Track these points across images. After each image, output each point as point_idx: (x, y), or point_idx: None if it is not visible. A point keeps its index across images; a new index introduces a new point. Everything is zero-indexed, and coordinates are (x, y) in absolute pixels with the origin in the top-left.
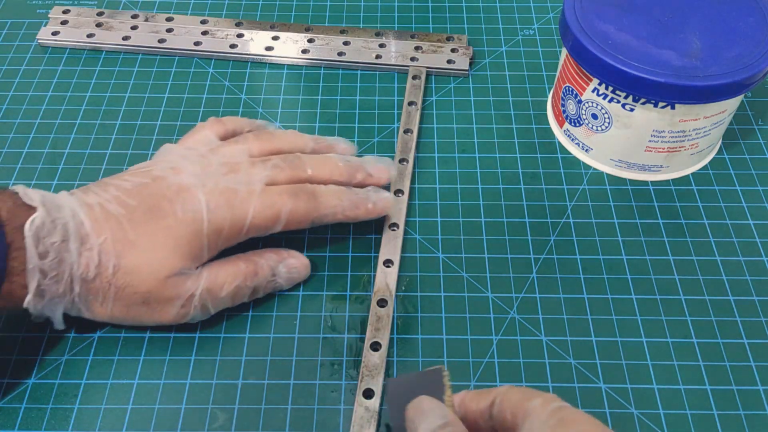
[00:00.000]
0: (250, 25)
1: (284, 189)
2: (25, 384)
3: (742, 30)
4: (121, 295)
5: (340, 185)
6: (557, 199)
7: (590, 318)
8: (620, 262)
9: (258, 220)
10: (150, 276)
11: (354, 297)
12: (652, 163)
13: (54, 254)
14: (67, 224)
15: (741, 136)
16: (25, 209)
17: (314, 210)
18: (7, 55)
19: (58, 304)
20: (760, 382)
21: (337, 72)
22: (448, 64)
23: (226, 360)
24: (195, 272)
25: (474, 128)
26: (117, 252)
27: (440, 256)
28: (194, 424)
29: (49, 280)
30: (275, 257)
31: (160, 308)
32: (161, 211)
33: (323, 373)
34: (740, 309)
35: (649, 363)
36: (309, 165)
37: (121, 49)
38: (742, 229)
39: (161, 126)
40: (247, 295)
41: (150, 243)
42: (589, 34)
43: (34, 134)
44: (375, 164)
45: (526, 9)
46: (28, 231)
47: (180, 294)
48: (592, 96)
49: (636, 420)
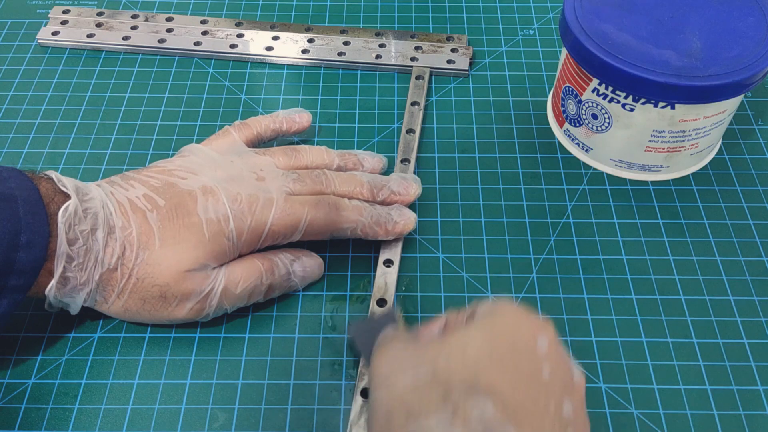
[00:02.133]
0: (250, 25)
1: (306, 199)
2: (25, 384)
3: (742, 30)
4: (139, 287)
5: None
6: (557, 199)
7: (590, 318)
8: (620, 262)
9: (277, 227)
10: (169, 268)
11: (354, 297)
12: (652, 163)
13: (82, 242)
14: (98, 213)
15: (741, 136)
16: (61, 196)
17: (334, 222)
18: (7, 55)
19: (80, 292)
20: (760, 382)
21: (337, 72)
22: (448, 64)
23: (226, 360)
24: (213, 270)
25: (474, 128)
26: (140, 244)
27: (440, 256)
28: (194, 424)
29: (75, 268)
30: (290, 256)
31: (176, 303)
32: (186, 209)
33: (323, 373)
34: (740, 309)
35: (649, 363)
36: (333, 181)
37: (121, 49)
38: (742, 229)
39: (161, 126)
40: (263, 293)
41: (173, 237)
42: (589, 34)
43: (34, 134)
44: (400, 182)
45: (526, 9)
46: (62, 217)
47: (197, 289)
48: (592, 96)
49: (636, 420)
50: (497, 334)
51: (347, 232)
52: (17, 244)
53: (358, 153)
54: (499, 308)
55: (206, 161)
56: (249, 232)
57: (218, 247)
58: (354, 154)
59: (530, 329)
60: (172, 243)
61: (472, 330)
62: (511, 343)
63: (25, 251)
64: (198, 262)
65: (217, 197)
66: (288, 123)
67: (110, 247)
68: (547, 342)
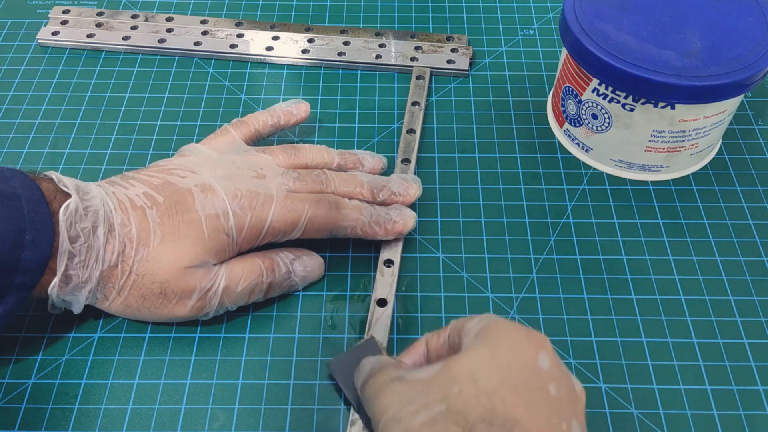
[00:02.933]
0: (250, 25)
1: (306, 196)
2: (25, 384)
3: (742, 30)
4: (140, 284)
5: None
6: (557, 199)
7: (590, 318)
8: (620, 262)
9: (278, 224)
10: (169, 265)
11: (354, 297)
12: (652, 163)
13: (83, 239)
14: (98, 211)
15: (741, 136)
16: (62, 195)
17: (334, 220)
18: (7, 55)
19: (82, 289)
20: (760, 382)
21: (337, 72)
22: (448, 64)
23: (226, 360)
24: (214, 267)
25: (474, 128)
26: (140, 240)
27: (440, 256)
28: (194, 424)
29: (76, 265)
30: (291, 255)
31: (176, 300)
32: (185, 206)
33: (323, 373)
34: (740, 309)
35: (649, 363)
36: (333, 181)
37: (121, 49)
38: (742, 229)
39: (161, 126)
40: (264, 291)
41: (172, 234)
42: (589, 34)
43: (34, 134)
44: (400, 183)
45: (526, 9)
46: (63, 215)
47: (197, 286)
48: (592, 96)
49: (636, 420)
50: (502, 357)
51: (347, 231)
52: (22, 242)
53: (358, 153)
54: (492, 327)
55: (206, 160)
56: (249, 229)
57: (218, 243)
58: (354, 153)
59: (531, 347)
60: (171, 240)
61: (475, 356)
62: (518, 365)
63: (31, 249)
64: (197, 259)
65: (217, 194)
66: (286, 116)
67: (111, 245)
68: (548, 358)
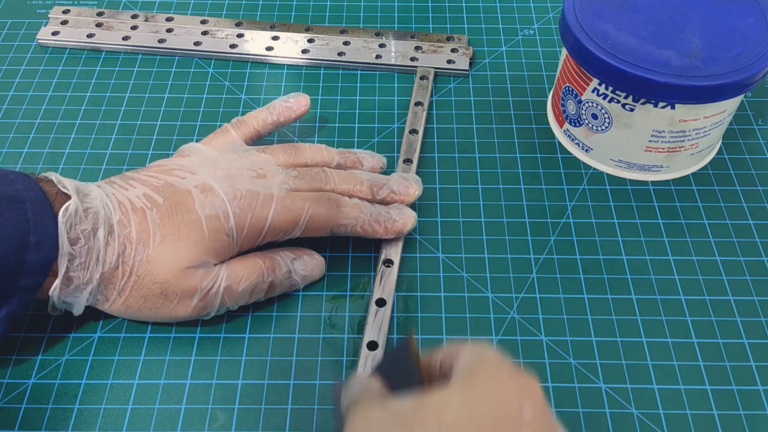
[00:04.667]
0: (250, 25)
1: (306, 194)
2: (25, 384)
3: (742, 30)
4: (140, 285)
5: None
6: (557, 199)
7: (590, 318)
8: (620, 262)
9: (278, 222)
10: (169, 265)
11: (354, 297)
12: (652, 163)
13: (84, 241)
14: (98, 213)
15: (741, 136)
16: (62, 197)
17: (334, 218)
18: (7, 55)
19: (83, 291)
20: (760, 382)
21: (337, 72)
22: (448, 64)
23: (226, 360)
24: (214, 267)
25: (474, 128)
26: (140, 241)
27: (440, 256)
28: (194, 424)
29: (77, 267)
30: (291, 254)
31: (177, 300)
32: (185, 207)
33: (323, 373)
34: (740, 309)
35: (649, 363)
36: (333, 179)
37: (121, 49)
38: (742, 229)
39: (161, 126)
40: (264, 290)
41: (173, 234)
42: (589, 34)
43: (34, 134)
44: (401, 182)
45: (526, 9)
46: (62, 217)
47: (198, 287)
48: (592, 96)
49: (636, 420)
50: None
51: (347, 229)
52: (27, 244)
53: (358, 152)
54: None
55: (205, 161)
56: (249, 228)
57: (218, 243)
58: (353, 153)
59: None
60: (171, 240)
61: (450, 392)
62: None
63: (35, 252)
64: (198, 259)
65: (216, 194)
66: (286, 112)
67: (111, 246)
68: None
